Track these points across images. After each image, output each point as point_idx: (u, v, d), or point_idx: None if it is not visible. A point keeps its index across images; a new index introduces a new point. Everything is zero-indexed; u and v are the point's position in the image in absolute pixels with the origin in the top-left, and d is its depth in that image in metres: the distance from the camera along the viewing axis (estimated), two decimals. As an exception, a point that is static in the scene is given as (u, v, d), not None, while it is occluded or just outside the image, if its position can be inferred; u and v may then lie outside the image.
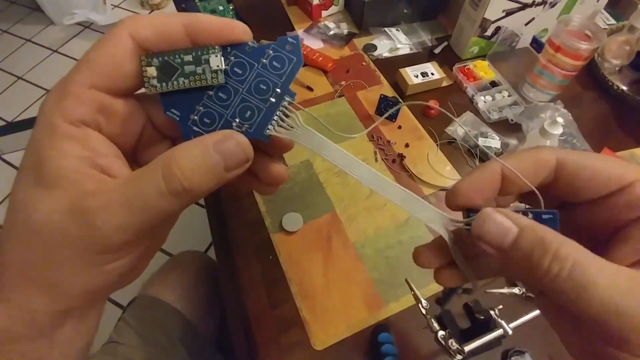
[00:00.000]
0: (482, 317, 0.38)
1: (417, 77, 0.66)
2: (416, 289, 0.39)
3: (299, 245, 0.51)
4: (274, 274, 0.48)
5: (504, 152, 0.60)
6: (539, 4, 0.66)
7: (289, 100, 0.19)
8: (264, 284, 0.48)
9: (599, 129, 0.64)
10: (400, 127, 0.63)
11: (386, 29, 0.78)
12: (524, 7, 0.66)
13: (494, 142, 0.60)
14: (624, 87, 0.66)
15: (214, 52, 0.18)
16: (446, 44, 0.76)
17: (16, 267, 0.17)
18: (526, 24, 0.69)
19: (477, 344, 0.35)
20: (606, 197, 0.18)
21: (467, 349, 0.35)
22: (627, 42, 0.66)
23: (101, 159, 0.18)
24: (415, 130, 0.63)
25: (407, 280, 0.40)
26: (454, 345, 0.35)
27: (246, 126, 0.19)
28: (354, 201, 0.54)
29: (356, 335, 0.44)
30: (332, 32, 0.77)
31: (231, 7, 0.83)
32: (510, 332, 0.36)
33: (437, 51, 0.75)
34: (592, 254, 0.15)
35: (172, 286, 0.60)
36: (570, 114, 0.62)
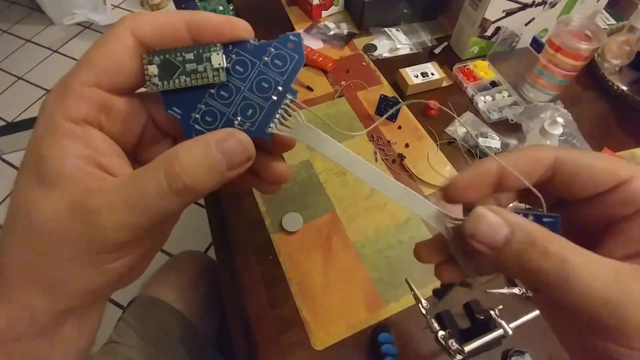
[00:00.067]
0: (482, 317, 0.38)
1: (417, 77, 0.66)
2: (416, 289, 0.39)
3: (299, 245, 0.51)
4: (274, 274, 0.48)
5: (504, 152, 0.60)
6: (539, 4, 0.66)
7: (290, 98, 0.19)
8: (264, 284, 0.48)
9: (599, 129, 0.64)
10: (400, 127, 0.63)
11: (386, 29, 0.78)
12: (524, 7, 0.66)
13: (494, 142, 0.60)
14: (624, 87, 0.66)
15: (215, 50, 0.18)
16: (446, 44, 0.76)
17: (17, 266, 0.17)
18: (526, 24, 0.69)
19: (477, 344, 0.35)
20: (602, 194, 0.18)
21: (467, 349, 0.35)
22: (627, 42, 0.66)
23: (103, 157, 0.17)
24: (415, 130, 0.63)
25: (407, 280, 0.40)
26: (454, 345, 0.35)
27: (248, 124, 0.19)
28: (354, 201, 0.54)
29: (356, 335, 0.44)
30: (332, 32, 0.77)
31: (231, 7, 0.83)
32: (510, 332, 0.36)
33: (437, 51, 0.75)
34: (580, 249, 0.16)
35: (172, 286, 0.60)
36: (570, 114, 0.62)
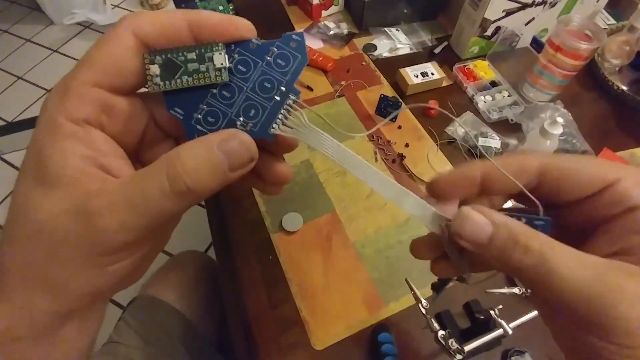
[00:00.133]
0: (482, 317, 0.38)
1: (417, 77, 0.66)
2: (416, 289, 0.39)
3: (299, 245, 0.51)
4: (274, 274, 0.48)
5: (504, 152, 0.60)
6: (539, 4, 0.66)
7: (293, 98, 0.19)
8: (264, 284, 0.48)
9: (599, 129, 0.64)
10: (400, 127, 0.63)
11: (386, 29, 0.78)
12: (524, 7, 0.66)
13: (494, 142, 0.60)
14: (624, 87, 0.66)
15: (217, 49, 0.18)
16: (446, 44, 0.76)
17: (18, 267, 0.17)
18: (526, 24, 0.69)
19: (477, 344, 0.35)
20: (590, 197, 0.18)
21: (467, 348, 0.35)
22: (627, 42, 0.66)
23: (104, 158, 0.17)
24: (415, 130, 0.63)
25: (407, 280, 0.40)
26: (454, 345, 0.35)
27: (250, 125, 0.19)
28: (354, 201, 0.55)
29: (356, 335, 0.44)
30: (332, 32, 0.77)
31: (231, 7, 0.83)
32: (510, 332, 0.36)
33: (437, 51, 0.75)
34: (561, 245, 0.16)
35: (172, 286, 0.60)
36: (570, 114, 0.62)
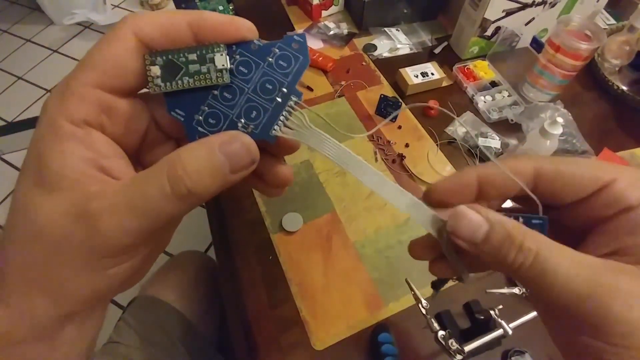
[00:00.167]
0: (482, 317, 0.38)
1: (417, 77, 0.66)
2: (416, 289, 0.39)
3: (299, 245, 0.51)
4: (274, 274, 0.48)
5: (504, 152, 0.60)
6: (539, 4, 0.66)
7: (295, 100, 0.19)
8: (264, 284, 0.48)
9: (599, 129, 0.64)
10: (400, 127, 0.63)
11: (386, 29, 0.78)
12: (524, 7, 0.66)
13: (494, 142, 0.60)
14: (624, 87, 0.66)
15: (219, 50, 0.18)
16: (446, 44, 0.76)
17: (17, 269, 0.17)
18: (526, 24, 0.69)
19: (477, 344, 0.35)
20: (586, 198, 0.18)
21: (467, 349, 0.35)
22: (627, 42, 0.66)
23: (105, 160, 0.17)
24: (415, 130, 0.63)
25: (407, 280, 0.40)
26: (454, 345, 0.35)
27: (252, 127, 0.19)
28: (354, 201, 0.55)
29: (356, 335, 0.44)
30: (332, 32, 0.77)
31: (231, 7, 0.83)
32: (510, 332, 0.36)
33: (437, 51, 0.75)
34: (556, 245, 0.16)
35: (172, 286, 0.60)
36: (570, 114, 0.62)
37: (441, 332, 0.36)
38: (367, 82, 0.70)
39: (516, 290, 0.44)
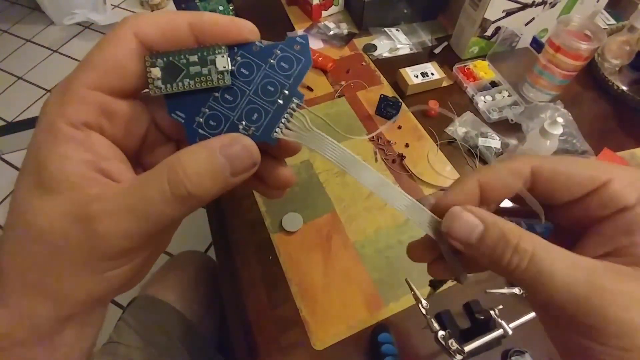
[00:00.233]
0: (482, 317, 0.38)
1: (417, 77, 0.66)
2: (416, 289, 0.39)
3: (299, 245, 0.51)
4: (274, 274, 0.48)
5: (504, 152, 0.60)
6: (539, 4, 0.66)
7: (297, 102, 0.19)
8: (264, 284, 0.48)
9: (599, 129, 0.64)
10: (400, 127, 0.63)
11: (386, 29, 0.78)
12: (524, 7, 0.66)
13: (494, 142, 0.60)
14: (624, 87, 0.66)
15: (220, 52, 0.18)
16: (446, 44, 0.76)
17: (17, 272, 0.17)
18: (526, 24, 0.69)
19: (477, 344, 0.35)
20: (582, 198, 0.18)
21: (467, 349, 0.35)
22: (627, 42, 0.66)
23: (104, 162, 0.17)
24: (415, 130, 0.63)
25: (407, 280, 0.40)
26: (454, 345, 0.35)
27: (253, 129, 0.19)
28: (354, 201, 0.55)
29: (356, 335, 0.44)
30: (332, 32, 0.77)
31: (231, 7, 0.83)
32: (510, 332, 0.36)
33: (437, 51, 0.75)
34: (552, 246, 0.16)
35: (172, 286, 0.60)
36: (570, 114, 0.62)
37: (441, 332, 0.36)
38: (367, 82, 0.70)
39: (516, 290, 0.44)
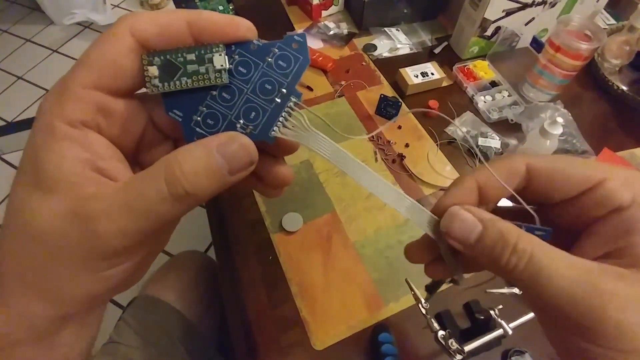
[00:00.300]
0: (482, 317, 0.38)
1: (417, 77, 0.66)
2: (416, 289, 0.39)
3: (299, 245, 0.51)
4: (274, 274, 0.48)
5: (504, 152, 0.60)
6: (539, 4, 0.66)
7: (295, 100, 0.19)
8: (264, 284, 0.48)
9: (599, 129, 0.64)
10: (400, 127, 0.63)
11: (386, 29, 0.78)
12: (524, 7, 0.66)
13: (494, 142, 0.60)
14: (624, 87, 0.66)
15: (217, 50, 0.18)
16: (446, 44, 0.76)
17: (15, 272, 0.17)
18: (526, 24, 0.69)
19: (477, 344, 0.35)
20: (577, 197, 0.18)
21: (467, 349, 0.35)
22: (627, 42, 0.66)
23: (101, 161, 0.17)
24: (415, 130, 0.63)
25: (407, 280, 0.40)
26: (454, 345, 0.35)
27: (251, 127, 0.19)
28: (354, 201, 0.54)
29: (356, 335, 0.44)
30: (332, 32, 0.77)
31: (231, 7, 0.83)
32: (510, 332, 0.36)
33: (437, 51, 0.75)
34: (549, 247, 0.16)
35: (172, 286, 0.60)
36: (570, 114, 0.62)
37: (441, 332, 0.36)
38: (367, 82, 0.69)
39: (516, 290, 0.44)
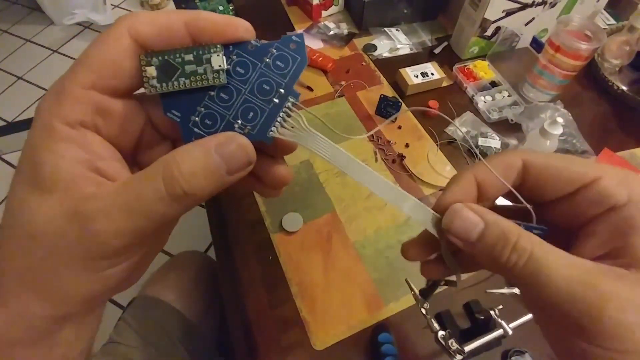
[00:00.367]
0: (482, 317, 0.38)
1: (417, 77, 0.66)
2: (416, 289, 0.39)
3: (299, 245, 0.51)
4: (274, 274, 0.48)
5: (502, 152, 0.60)
6: (539, 4, 0.66)
7: (292, 101, 0.19)
8: (264, 284, 0.48)
9: (599, 129, 0.64)
10: (400, 127, 0.63)
11: (386, 29, 0.78)
12: (524, 7, 0.66)
13: (494, 142, 0.60)
14: (624, 87, 0.66)
15: (215, 51, 0.18)
16: (446, 44, 0.76)
17: (13, 272, 0.17)
18: (526, 24, 0.69)
19: (477, 344, 0.35)
20: (572, 195, 0.18)
21: (467, 349, 0.35)
22: (627, 42, 0.66)
23: (100, 161, 0.17)
24: (415, 130, 0.63)
25: (407, 280, 0.40)
26: (454, 345, 0.35)
27: (249, 128, 0.19)
28: (354, 201, 0.54)
29: (356, 335, 0.44)
30: (332, 32, 0.77)
31: (231, 7, 0.83)
32: (510, 332, 0.36)
33: (437, 51, 0.75)
34: (550, 246, 0.16)
35: (172, 286, 0.60)
36: (570, 114, 0.62)
37: (441, 332, 0.36)
38: (367, 82, 0.69)
39: (516, 290, 0.44)
